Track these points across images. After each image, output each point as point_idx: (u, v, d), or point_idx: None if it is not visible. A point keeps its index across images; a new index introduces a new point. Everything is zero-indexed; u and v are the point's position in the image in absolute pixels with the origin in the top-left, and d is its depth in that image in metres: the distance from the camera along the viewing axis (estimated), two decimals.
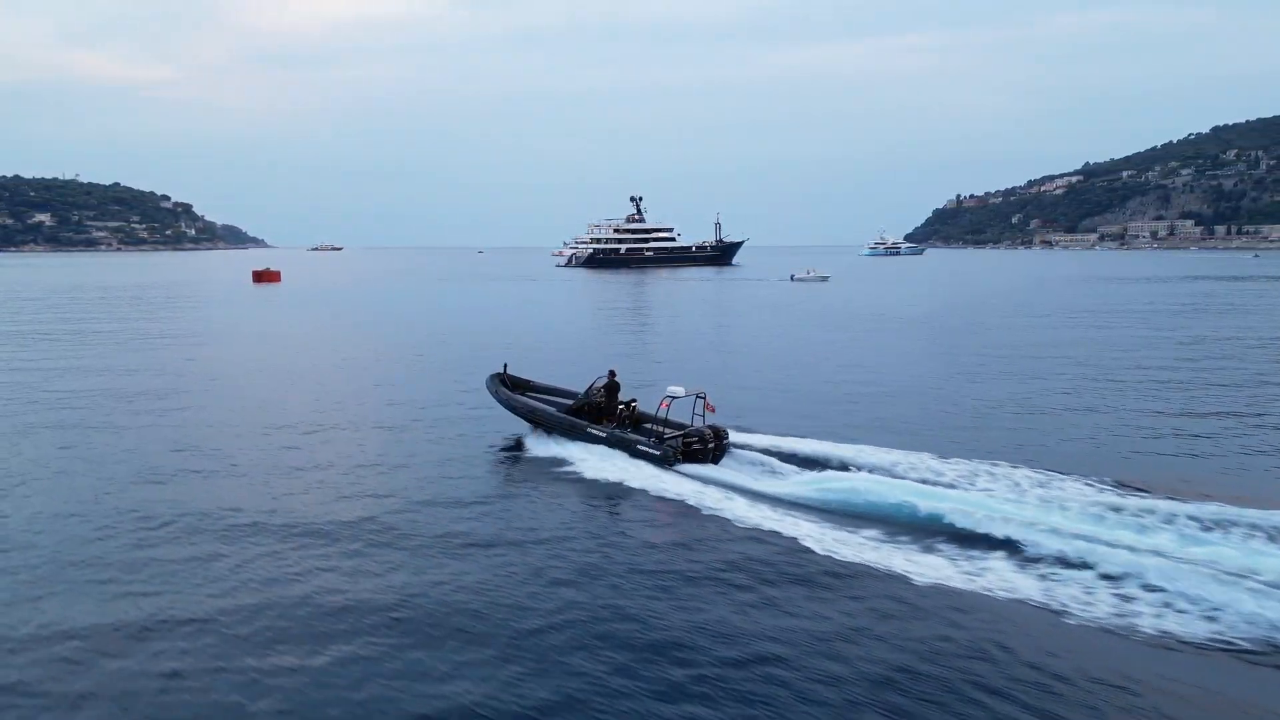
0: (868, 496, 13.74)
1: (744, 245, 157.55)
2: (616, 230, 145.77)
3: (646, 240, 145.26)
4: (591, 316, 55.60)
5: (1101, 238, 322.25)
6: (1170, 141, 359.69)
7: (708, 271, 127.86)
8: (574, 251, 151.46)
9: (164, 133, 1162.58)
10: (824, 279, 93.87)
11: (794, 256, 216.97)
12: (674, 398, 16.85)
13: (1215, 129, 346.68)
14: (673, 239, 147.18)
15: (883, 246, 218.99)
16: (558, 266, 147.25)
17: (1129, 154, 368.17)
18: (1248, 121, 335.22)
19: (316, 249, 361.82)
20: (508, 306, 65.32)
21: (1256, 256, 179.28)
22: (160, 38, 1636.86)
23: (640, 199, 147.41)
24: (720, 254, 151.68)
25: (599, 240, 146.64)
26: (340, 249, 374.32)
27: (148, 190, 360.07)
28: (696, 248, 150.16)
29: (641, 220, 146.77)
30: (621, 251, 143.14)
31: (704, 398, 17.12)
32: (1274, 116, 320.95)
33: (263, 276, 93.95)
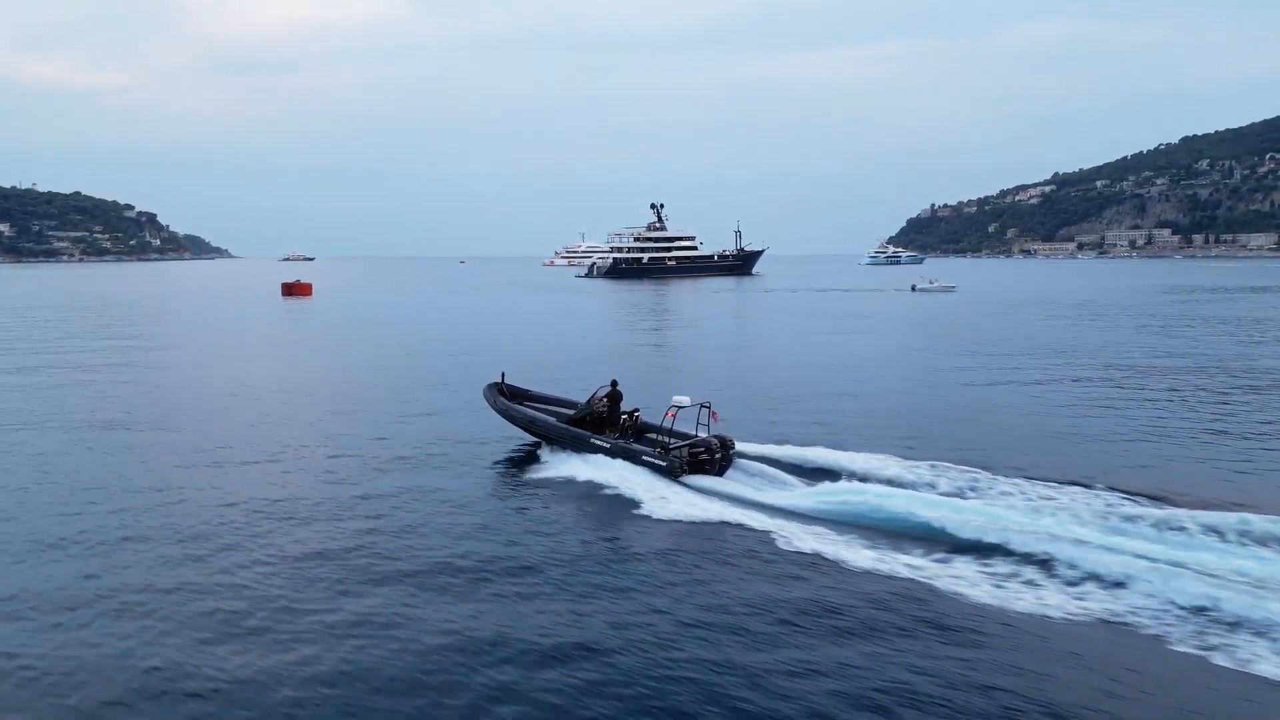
0: (875, 507, 13.71)
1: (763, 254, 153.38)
2: (637, 239, 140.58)
3: (669, 249, 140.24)
4: (679, 340, 50.40)
5: (1080, 246, 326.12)
6: (1141, 151, 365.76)
7: (730, 281, 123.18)
8: (595, 261, 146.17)
9: (120, 140, 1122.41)
10: (949, 289, 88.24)
11: (796, 266, 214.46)
12: (680, 407, 16.37)
13: (1185, 139, 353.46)
14: (694, 248, 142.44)
15: (883, 255, 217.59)
16: (577, 277, 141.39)
17: (1099, 164, 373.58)
18: (1216, 132, 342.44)
19: (288, 259, 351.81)
20: (571, 319, 60.42)
21: None
22: (114, 43, 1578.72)
23: (661, 205, 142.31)
24: (741, 263, 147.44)
25: (619, 249, 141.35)
26: (312, 259, 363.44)
27: (110, 199, 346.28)
28: (719, 256, 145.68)
29: (663, 228, 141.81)
30: (644, 261, 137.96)
31: (709, 407, 16.70)
32: (1242, 127, 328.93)
33: (293, 290, 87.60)
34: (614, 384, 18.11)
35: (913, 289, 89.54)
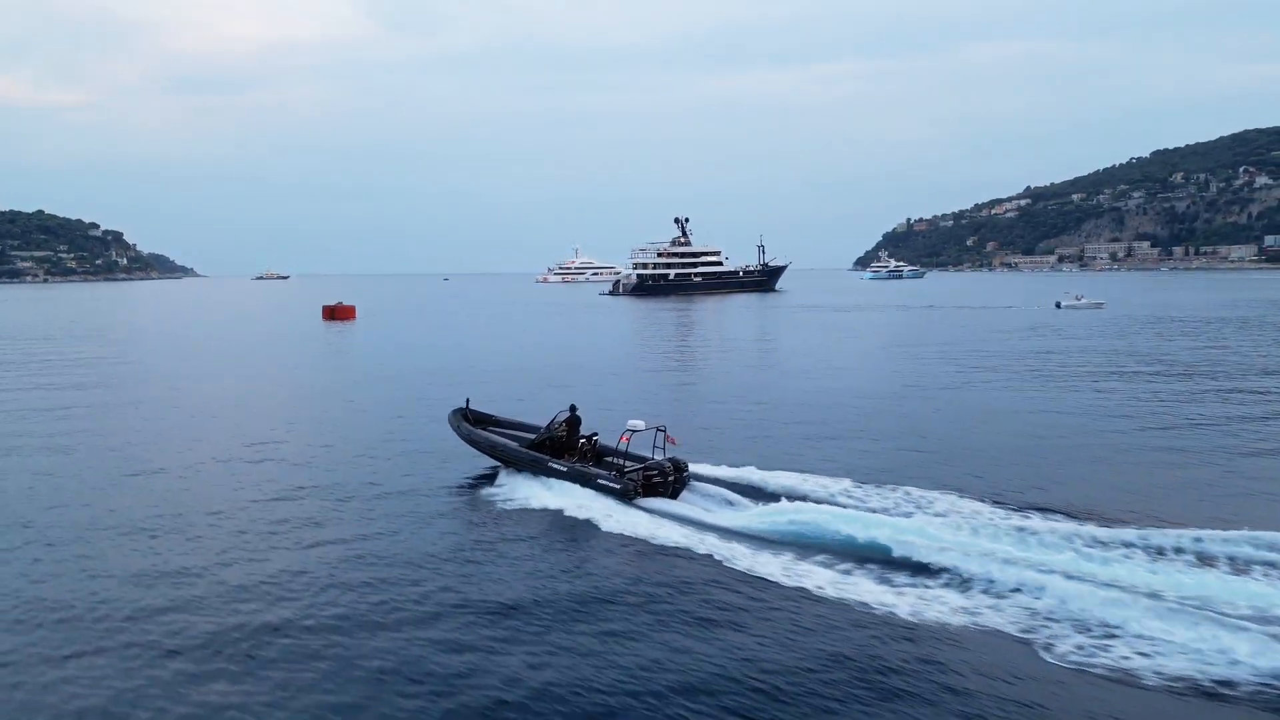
0: (819, 527, 13.85)
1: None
2: (661, 254, 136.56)
3: (695, 264, 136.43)
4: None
5: (1061, 259, 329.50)
6: (1113, 165, 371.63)
7: (756, 298, 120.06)
8: (619, 279, 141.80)
9: (78, 158, 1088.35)
10: (1098, 306, 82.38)
11: (799, 280, 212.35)
12: (635, 431, 16.86)
13: (1156, 153, 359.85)
14: (720, 263, 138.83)
15: (885, 270, 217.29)
16: (601, 295, 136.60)
17: (1071, 178, 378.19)
18: (1188, 145, 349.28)
19: (261, 277, 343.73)
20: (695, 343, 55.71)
21: None
22: (73, 60, 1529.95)
23: (686, 220, 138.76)
24: (766, 279, 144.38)
25: (643, 265, 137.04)
26: (287, 277, 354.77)
27: (75, 218, 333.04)
28: (744, 272, 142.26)
29: (688, 243, 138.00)
30: (671, 277, 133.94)
31: (664, 431, 17.04)
32: (1211, 141, 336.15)
33: (335, 313, 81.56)
34: (573, 409, 18.58)
35: (1057, 305, 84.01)
